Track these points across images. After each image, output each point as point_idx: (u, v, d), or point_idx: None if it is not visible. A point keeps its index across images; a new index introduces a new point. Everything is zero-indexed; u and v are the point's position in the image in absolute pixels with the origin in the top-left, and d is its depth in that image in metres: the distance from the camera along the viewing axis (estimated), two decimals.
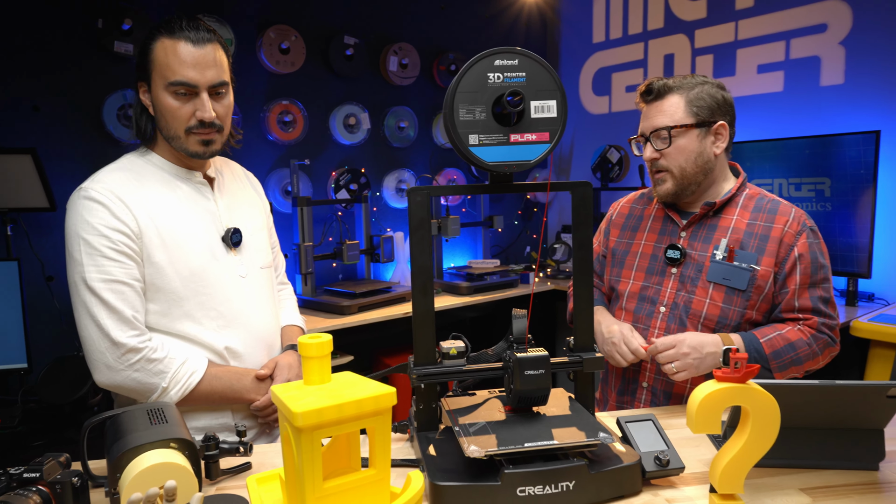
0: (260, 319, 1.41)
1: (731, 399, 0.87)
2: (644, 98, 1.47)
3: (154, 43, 1.26)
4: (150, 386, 1.24)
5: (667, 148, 1.42)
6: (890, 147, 2.45)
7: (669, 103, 1.42)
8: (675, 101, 1.41)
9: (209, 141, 1.30)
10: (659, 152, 1.43)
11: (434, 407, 1.11)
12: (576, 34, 3.77)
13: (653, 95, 1.44)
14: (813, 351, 1.34)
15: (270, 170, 2.90)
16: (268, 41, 2.77)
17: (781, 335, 1.33)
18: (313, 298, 2.67)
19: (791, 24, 2.77)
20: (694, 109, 1.41)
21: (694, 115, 1.41)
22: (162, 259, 1.26)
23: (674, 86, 1.42)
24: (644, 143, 1.46)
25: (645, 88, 1.46)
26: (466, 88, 1.01)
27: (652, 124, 1.43)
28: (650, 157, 1.44)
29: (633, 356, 1.37)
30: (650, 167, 1.47)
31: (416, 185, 1.08)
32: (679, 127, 1.40)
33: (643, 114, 1.47)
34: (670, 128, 1.40)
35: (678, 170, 1.42)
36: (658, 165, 1.44)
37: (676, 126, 1.40)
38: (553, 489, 0.92)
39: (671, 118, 1.41)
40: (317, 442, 0.70)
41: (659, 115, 1.42)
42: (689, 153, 1.41)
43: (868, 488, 0.97)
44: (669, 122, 1.41)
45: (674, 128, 1.40)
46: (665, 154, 1.42)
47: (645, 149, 1.46)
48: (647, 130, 1.45)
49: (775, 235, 1.36)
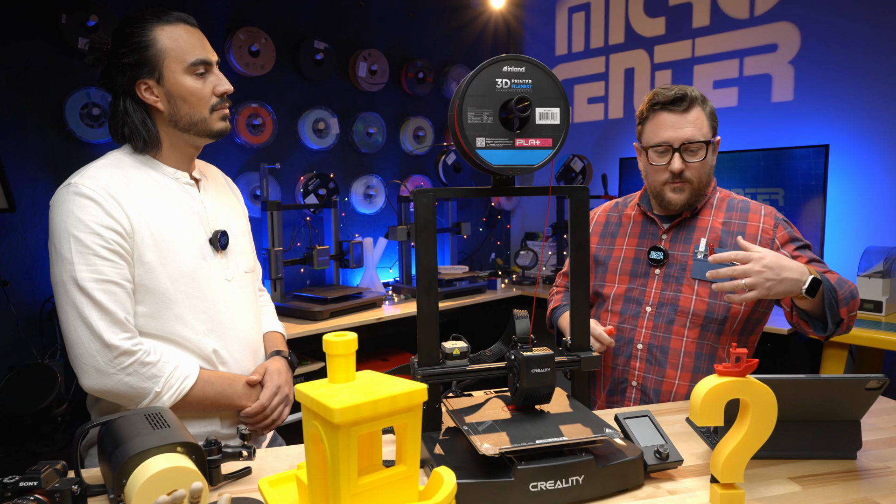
0: (245, 324, 1.38)
1: (733, 392, 0.91)
2: (670, 107, 1.42)
3: (152, 34, 1.24)
4: (142, 391, 1.20)
5: (697, 161, 1.41)
6: (838, 160, 2.61)
7: (695, 116, 1.41)
8: (699, 115, 1.41)
9: (226, 116, 1.34)
10: (686, 164, 1.42)
11: (437, 408, 1.12)
12: (540, 46, 3.86)
13: (684, 105, 1.41)
14: (853, 288, 1.33)
15: (239, 173, 2.85)
16: (237, 43, 2.72)
17: (829, 274, 1.34)
18: (283, 304, 2.63)
19: (744, 44, 2.92)
20: (712, 123, 1.44)
21: (712, 129, 1.44)
22: (153, 259, 1.23)
23: (697, 97, 1.42)
24: (667, 153, 1.43)
25: (673, 97, 1.41)
26: (475, 92, 1.04)
27: (684, 135, 1.40)
28: (679, 168, 1.41)
29: (599, 343, 1.39)
30: (667, 177, 1.44)
31: (422, 188, 1.09)
32: (710, 142, 1.42)
33: (664, 122, 1.42)
34: (705, 142, 1.41)
35: (698, 181, 1.45)
36: (683, 177, 1.43)
37: (709, 141, 1.41)
38: (564, 483, 0.95)
39: (701, 132, 1.40)
40: (354, 438, 0.70)
41: (688, 127, 1.40)
42: (708, 167, 1.45)
43: (850, 475, 1.04)
44: (701, 137, 1.40)
45: (709, 143, 1.41)
46: (691, 167, 1.42)
47: (672, 159, 1.42)
48: (675, 141, 1.41)
49: (752, 233, 1.43)
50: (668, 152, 1.43)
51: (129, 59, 1.24)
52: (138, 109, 1.27)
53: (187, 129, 1.29)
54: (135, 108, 1.27)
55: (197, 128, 1.29)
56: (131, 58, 1.24)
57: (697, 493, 0.99)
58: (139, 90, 1.25)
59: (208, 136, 1.31)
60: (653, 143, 1.46)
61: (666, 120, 1.43)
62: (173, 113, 1.27)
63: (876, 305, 2.31)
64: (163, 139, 1.30)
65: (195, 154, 1.36)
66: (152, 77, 1.25)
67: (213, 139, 1.33)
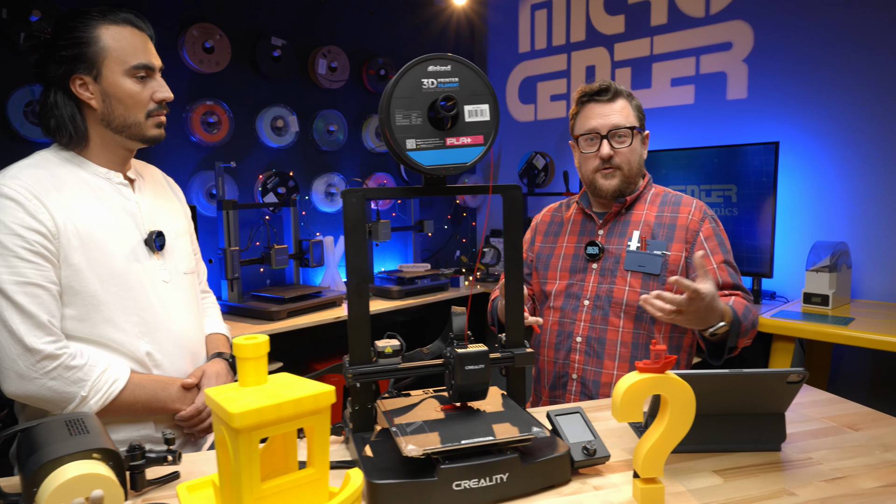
0: (183, 326, 1.37)
1: (652, 388, 0.92)
2: (596, 98, 1.52)
3: (96, 31, 1.22)
4: (67, 395, 1.18)
5: (624, 147, 1.50)
6: (788, 157, 2.66)
7: (621, 105, 1.50)
8: (624, 105, 1.51)
9: (162, 123, 1.32)
10: (615, 150, 1.50)
11: (369, 408, 1.12)
12: (503, 43, 3.87)
13: (609, 95, 1.51)
14: (756, 315, 1.42)
15: (194, 172, 2.80)
16: (191, 39, 2.68)
17: (736, 300, 1.40)
18: (240, 304, 2.60)
19: (700, 42, 2.96)
20: (638, 115, 1.53)
21: (638, 120, 1.52)
22: (80, 261, 1.21)
23: (622, 90, 1.52)
24: (596, 140, 1.51)
25: (599, 88, 1.51)
26: (402, 94, 1.03)
27: (611, 122, 1.49)
28: (607, 153, 1.49)
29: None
30: (599, 164, 1.51)
31: (350, 187, 1.09)
32: (635, 129, 1.50)
33: (592, 112, 1.52)
34: (631, 128, 1.49)
35: (627, 168, 1.51)
36: (612, 163, 1.51)
37: (634, 127, 1.50)
38: (488, 482, 0.95)
39: (627, 119, 1.50)
40: (255, 443, 0.69)
41: (615, 115, 1.49)
42: (636, 154, 1.52)
43: (772, 467, 1.06)
44: (627, 123, 1.49)
45: (634, 128, 1.49)
46: (620, 153, 1.50)
47: (600, 146, 1.50)
48: (603, 128, 1.50)
49: (681, 223, 1.48)
50: (597, 139, 1.51)
51: (68, 52, 1.22)
52: (69, 104, 1.25)
53: (120, 130, 1.27)
54: (66, 101, 1.25)
55: (130, 130, 1.28)
56: (70, 51, 1.22)
57: (622, 488, 1.00)
58: (73, 85, 1.24)
59: (141, 140, 1.30)
60: (582, 132, 1.53)
61: (594, 110, 1.52)
62: (107, 112, 1.25)
63: (823, 299, 2.36)
64: (93, 137, 1.27)
65: (129, 155, 1.34)
66: (89, 74, 1.23)
67: (145, 144, 1.32)
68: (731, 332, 1.37)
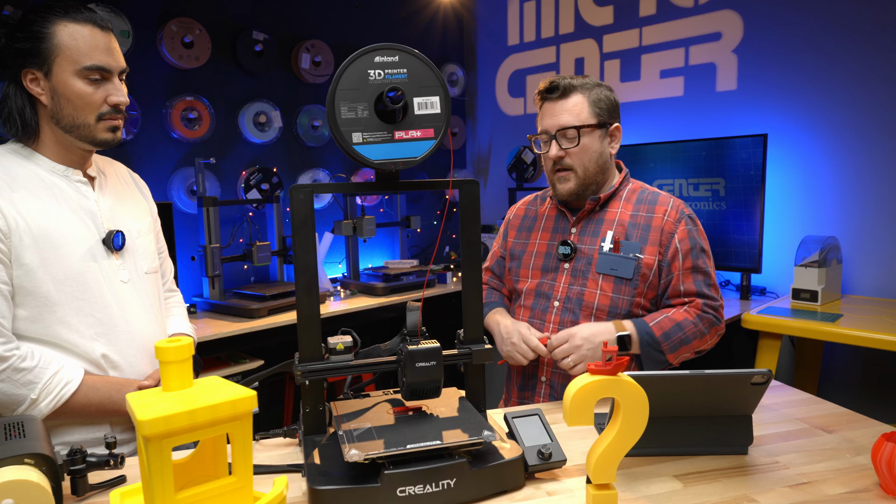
0: (142, 327, 1.33)
1: (603, 391, 0.89)
2: (547, 96, 1.46)
3: (53, 27, 1.19)
4: (16, 398, 1.15)
5: (573, 147, 1.42)
6: (777, 149, 2.61)
7: (573, 102, 1.42)
8: (578, 101, 1.43)
9: (117, 127, 1.28)
10: (565, 151, 1.43)
11: (321, 409, 1.09)
12: (491, 36, 3.82)
13: (558, 93, 1.43)
14: (700, 330, 1.40)
15: (175, 169, 2.77)
16: (169, 34, 2.64)
17: (668, 317, 1.39)
18: (221, 302, 2.57)
19: (689, 32, 2.91)
20: (596, 110, 1.44)
21: (596, 115, 1.44)
22: (33, 261, 1.18)
23: (577, 85, 1.44)
24: (548, 142, 1.45)
25: (548, 86, 1.45)
26: (347, 86, 1.00)
27: (559, 122, 1.43)
28: (556, 155, 1.43)
29: (533, 354, 1.39)
30: (552, 166, 1.46)
31: (298, 184, 1.05)
32: (586, 127, 1.42)
33: (545, 111, 1.47)
34: (579, 127, 1.41)
35: (582, 169, 1.44)
36: (563, 164, 1.44)
37: (584, 126, 1.42)
38: (434, 487, 0.92)
39: (577, 118, 1.42)
40: (166, 451, 0.66)
41: (564, 114, 1.42)
42: (592, 153, 1.44)
43: (736, 472, 1.03)
44: (576, 122, 1.42)
45: (582, 127, 1.42)
46: (570, 153, 1.43)
47: (550, 147, 1.44)
48: (552, 128, 1.44)
49: (656, 224, 1.42)
50: (549, 141, 1.45)
51: (22, 45, 1.20)
52: (20, 96, 1.22)
53: (69, 130, 1.24)
54: (17, 94, 1.22)
55: (79, 131, 1.24)
56: (24, 45, 1.19)
57: (577, 493, 0.96)
58: (24, 79, 1.21)
59: (90, 143, 1.26)
60: (536, 134, 1.49)
61: (546, 109, 1.47)
62: (56, 110, 1.22)
63: (812, 295, 2.32)
64: (45, 133, 1.25)
65: (87, 154, 1.31)
66: (40, 70, 1.20)
67: (96, 147, 1.28)
68: (642, 348, 1.37)
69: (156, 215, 1.50)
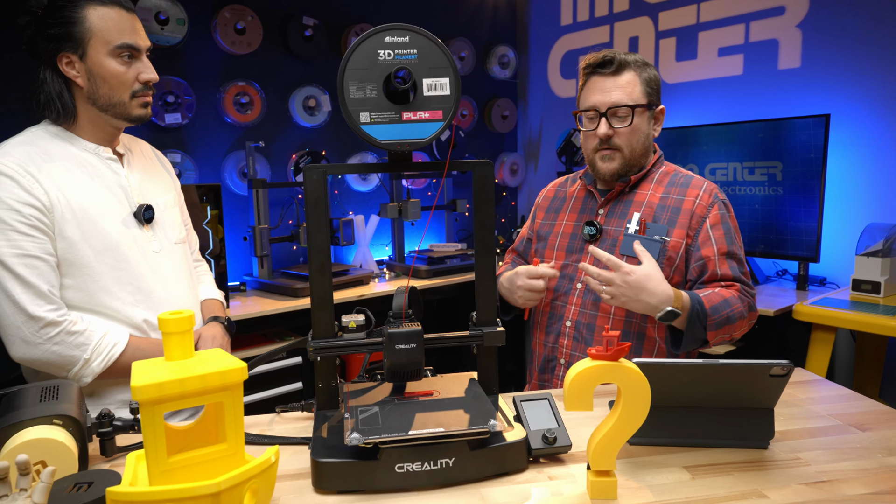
0: (177, 293, 1.41)
1: (604, 377, 0.87)
2: (598, 70, 1.40)
3: (84, 11, 1.26)
4: (70, 359, 1.24)
5: (624, 127, 1.37)
6: (840, 131, 2.45)
7: (626, 80, 1.37)
8: (631, 79, 1.37)
9: (148, 103, 1.35)
10: (614, 130, 1.38)
11: (333, 385, 1.12)
12: (544, 16, 3.74)
13: (612, 68, 1.38)
14: (741, 311, 1.33)
15: (228, 152, 2.88)
16: (223, 21, 2.73)
17: (716, 292, 1.33)
18: (269, 281, 2.67)
19: (750, 7, 2.75)
20: (647, 90, 1.39)
21: (647, 95, 1.39)
22: (74, 234, 1.26)
23: (630, 61, 1.38)
24: (595, 118, 1.40)
25: (601, 59, 1.39)
26: (356, 66, 1.00)
27: (610, 99, 1.37)
28: (605, 133, 1.38)
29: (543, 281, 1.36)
30: (596, 144, 1.41)
31: (312, 164, 1.07)
32: (639, 107, 1.37)
33: (594, 86, 1.40)
34: (633, 106, 1.36)
35: (629, 150, 1.40)
36: (610, 143, 1.39)
37: (637, 105, 1.37)
38: (432, 465, 0.93)
39: (629, 96, 1.37)
40: (158, 416, 0.70)
41: (617, 91, 1.37)
42: (640, 134, 1.40)
43: (751, 466, 0.98)
44: (629, 101, 1.37)
45: (636, 107, 1.37)
46: (619, 133, 1.38)
47: (600, 125, 1.39)
48: (602, 105, 1.38)
49: (687, 208, 1.37)
50: (596, 117, 1.39)
51: (55, 31, 1.26)
52: (57, 80, 1.30)
53: (105, 109, 1.31)
54: (54, 78, 1.29)
55: (115, 109, 1.31)
56: (57, 30, 1.26)
57: (578, 479, 0.95)
58: (60, 63, 1.28)
59: (126, 119, 1.33)
60: (583, 108, 1.42)
61: (596, 84, 1.40)
62: (92, 91, 1.29)
63: (874, 286, 2.17)
64: (81, 114, 1.32)
65: (118, 132, 1.38)
66: (76, 53, 1.27)
67: (131, 123, 1.35)
68: (689, 322, 1.28)
69: (179, 189, 1.57)
